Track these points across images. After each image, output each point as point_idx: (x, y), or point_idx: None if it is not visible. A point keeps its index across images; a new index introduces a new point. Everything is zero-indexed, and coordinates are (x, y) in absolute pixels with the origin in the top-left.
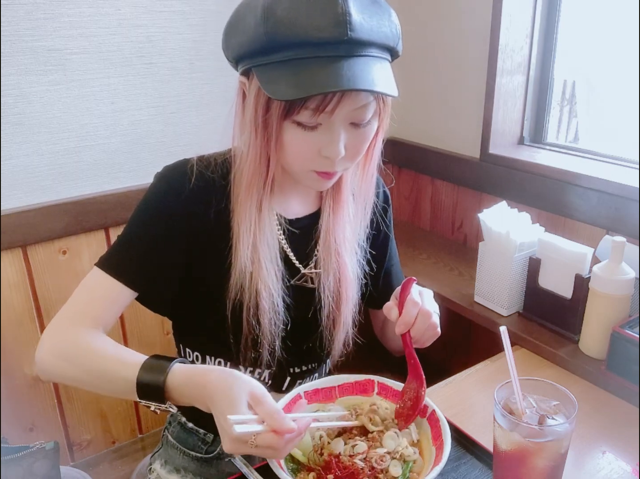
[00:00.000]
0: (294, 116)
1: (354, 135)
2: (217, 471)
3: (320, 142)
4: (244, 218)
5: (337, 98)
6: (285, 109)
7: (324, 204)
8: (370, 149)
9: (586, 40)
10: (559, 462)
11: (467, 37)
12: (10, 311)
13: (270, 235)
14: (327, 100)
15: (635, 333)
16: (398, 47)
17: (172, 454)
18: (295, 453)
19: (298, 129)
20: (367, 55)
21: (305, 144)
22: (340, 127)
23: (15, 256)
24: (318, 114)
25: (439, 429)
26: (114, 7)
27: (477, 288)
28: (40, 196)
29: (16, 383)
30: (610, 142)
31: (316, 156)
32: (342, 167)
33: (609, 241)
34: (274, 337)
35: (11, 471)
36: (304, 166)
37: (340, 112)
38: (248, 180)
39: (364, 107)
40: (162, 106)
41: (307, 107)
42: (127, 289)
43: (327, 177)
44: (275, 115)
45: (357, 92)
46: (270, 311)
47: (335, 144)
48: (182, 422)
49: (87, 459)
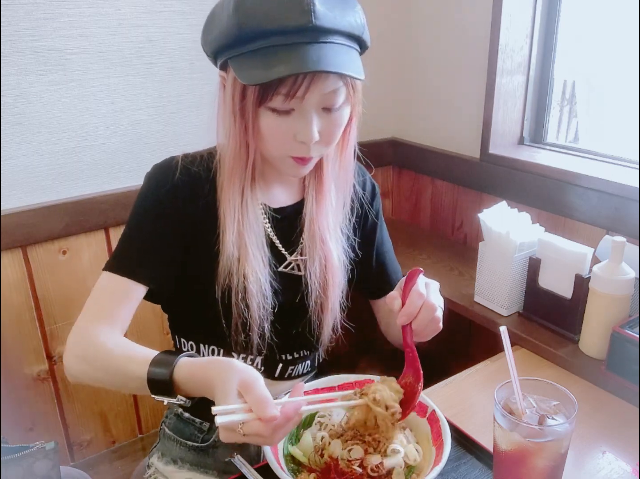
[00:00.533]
0: (268, 102)
1: (327, 120)
2: (213, 460)
3: (295, 127)
4: (228, 205)
5: (307, 82)
6: (259, 95)
7: (307, 194)
8: (345, 136)
9: (586, 40)
10: (559, 462)
11: (467, 37)
12: (10, 311)
13: (256, 223)
14: (297, 84)
15: (635, 333)
16: (364, 36)
17: (169, 446)
18: (295, 453)
19: (273, 115)
20: (333, 42)
21: (280, 129)
22: (313, 112)
23: (15, 256)
24: (290, 99)
25: (439, 429)
26: (114, 7)
27: (477, 288)
28: (40, 196)
29: (16, 383)
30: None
31: (291, 141)
32: (317, 152)
33: (609, 241)
34: (262, 321)
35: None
36: (281, 151)
37: (311, 96)
38: (230, 168)
39: (333, 92)
40: (162, 106)
41: (279, 92)
42: (137, 285)
43: (303, 163)
44: (250, 102)
45: (325, 77)
46: (258, 294)
47: (308, 128)
48: (179, 413)
49: (87, 459)
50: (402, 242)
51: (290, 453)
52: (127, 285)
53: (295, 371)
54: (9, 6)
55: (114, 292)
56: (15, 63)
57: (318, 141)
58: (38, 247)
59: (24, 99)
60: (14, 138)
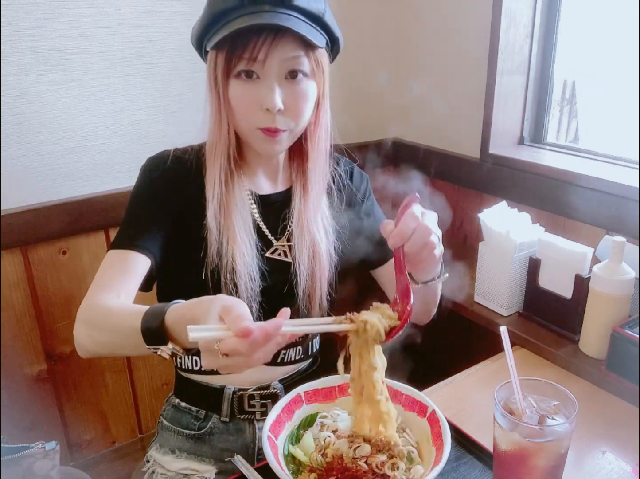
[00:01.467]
0: (234, 69)
1: (290, 90)
2: (209, 447)
3: (260, 94)
4: (212, 185)
5: (267, 45)
6: (226, 63)
7: (294, 186)
8: (316, 118)
9: (586, 40)
10: (559, 462)
11: (467, 37)
12: (10, 310)
13: (243, 207)
14: (258, 47)
15: (635, 333)
16: (326, 18)
17: (166, 436)
18: (296, 453)
19: (240, 83)
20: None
21: (247, 97)
22: (275, 79)
23: (15, 256)
24: (253, 62)
25: (439, 429)
26: (114, 7)
27: (477, 288)
28: (40, 196)
29: (16, 383)
30: (610, 142)
31: (258, 111)
32: (284, 124)
33: (609, 241)
34: (250, 301)
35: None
36: (249, 122)
37: (272, 61)
38: (210, 146)
39: (294, 59)
40: (162, 106)
41: (242, 56)
42: (138, 256)
43: (271, 135)
44: (220, 71)
45: (285, 42)
46: (245, 275)
47: (271, 93)
48: (176, 403)
49: (87, 459)
50: None
51: (290, 453)
52: (129, 256)
53: (287, 357)
54: (9, 6)
55: (117, 265)
56: (15, 63)
57: (284, 113)
58: (38, 247)
59: (24, 99)
60: (14, 138)
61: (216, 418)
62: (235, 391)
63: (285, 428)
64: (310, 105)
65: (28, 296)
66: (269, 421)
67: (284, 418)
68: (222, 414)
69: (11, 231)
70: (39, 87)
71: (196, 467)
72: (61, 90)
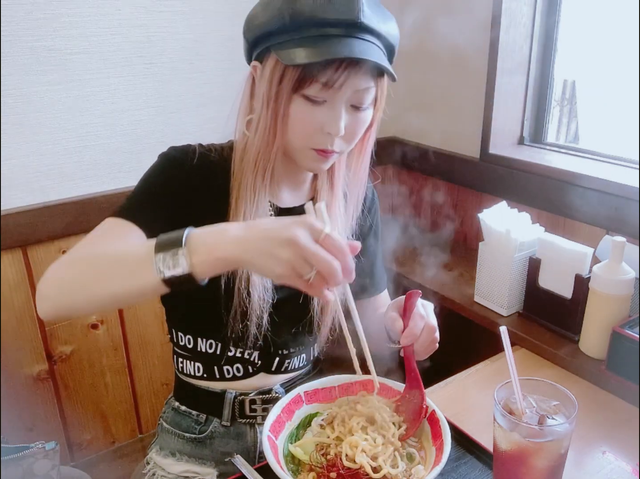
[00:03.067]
0: (304, 89)
1: (353, 117)
2: (210, 451)
3: (324, 118)
4: (244, 193)
5: (345, 75)
6: (297, 81)
7: (317, 198)
8: (364, 140)
9: (586, 40)
10: (559, 462)
11: (467, 37)
12: (10, 311)
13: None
14: (337, 75)
15: (635, 333)
16: (396, 49)
17: (167, 439)
18: (296, 452)
19: (305, 103)
20: (374, 44)
21: (310, 118)
22: (343, 107)
23: (15, 256)
24: (327, 88)
25: (439, 429)
26: (114, 7)
27: (477, 288)
28: (40, 196)
29: (16, 383)
30: (610, 142)
31: (318, 132)
32: (339, 147)
33: (609, 241)
34: (262, 312)
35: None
36: (305, 142)
37: (346, 90)
38: (256, 153)
39: (365, 90)
40: (162, 106)
41: (318, 80)
42: (136, 229)
43: (325, 156)
44: (287, 87)
45: (362, 73)
46: (259, 285)
47: (337, 120)
48: (176, 407)
49: (87, 459)
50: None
51: (290, 453)
52: (126, 226)
53: (291, 365)
54: (9, 6)
55: (110, 230)
56: (15, 63)
57: (341, 137)
58: (38, 247)
59: (24, 99)
60: (14, 138)
61: (217, 422)
62: (237, 396)
63: (285, 428)
64: (365, 129)
65: (28, 296)
66: (269, 421)
67: (283, 417)
68: (223, 419)
69: (11, 231)
70: (39, 87)
71: (197, 470)
72: (61, 90)
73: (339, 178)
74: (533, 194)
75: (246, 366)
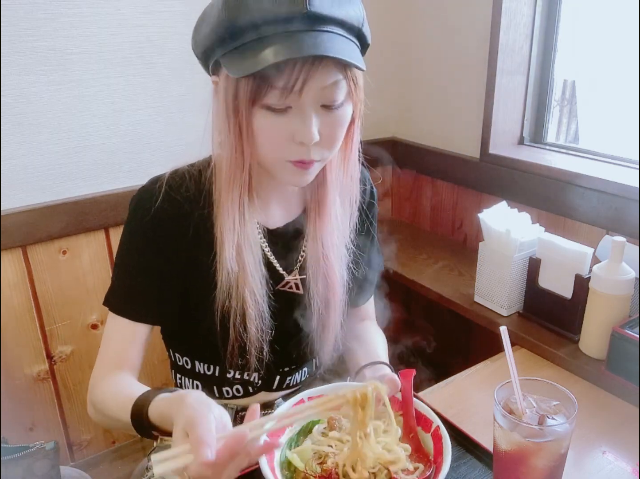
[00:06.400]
0: (263, 99)
1: (327, 119)
2: None
3: (292, 126)
4: (226, 220)
5: (304, 74)
6: (253, 91)
7: (309, 209)
8: (348, 139)
9: (586, 40)
10: (559, 462)
11: (467, 37)
12: (10, 311)
13: (253, 242)
14: (294, 77)
15: (635, 333)
16: (364, 29)
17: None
18: (293, 459)
19: (268, 114)
20: (330, 32)
21: (277, 129)
22: (312, 109)
23: (15, 256)
24: (286, 94)
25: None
26: (114, 7)
27: (477, 288)
28: (40, 196)
29: (16, 383)
30: (610, 142)
31: (290, 143)
32: (319, 155)
33: (609, 241)
34: (261, 344)
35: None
36: (278, 155)
37: (309, 91)
38: (227, 178)
39: (333, 85)
40: (162, 106)
41: (274, 86)
42: (142, 326)
43: (304, 167)
44: (243, 100)
45: (324, 68)
46: (256, 317)
47: (308, 127)
48: None
49: (87, 459)
50: (402, 243)
51: (287, 459)
52: (132, 327)
53: (293, 381)
54: (9, 6)
55: (120, 336)
56: (15, 63)
57: (318, 143)
58: (38, 247)
59: (24, 99)
60: (14, 138)
61: None
62: (238, 411)
63: (286, 433)
64: (345, 129)
65: (28, 296)
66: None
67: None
68: None
69: (11, 231)
70: (39, 87)
71: None
72: (61, 90)
73: (331, 184)
74: (533, 194)
75: (246, 387)
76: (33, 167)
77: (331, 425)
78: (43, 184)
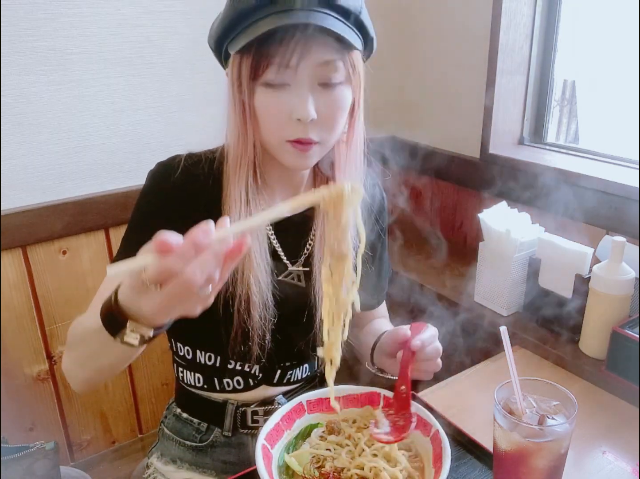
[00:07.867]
0: (262, 76)
1: (325, 97)
2: (211, 459)
3: (290, 103)
4: (233, 204)
5: (300, 50)
6: (253, 68)
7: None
8: (351, 130)
9: (586, 40)
10: (559, 462)
11: (467, 37)
12: (10, 311)
13: (259, 230)
14: (290, 52)
15: (635, 333)
16: (362, 16)
17: (168, 445)
18: (291, 463)
19: (268, 91)
20: (326, 13)
21: (276, 106)
22: (308, 86)
23: (15, 256)
24: (285, 69)
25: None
26: (114, 7)
27: (477, 288)
28: (40, 196)
29: (16, 383)
30: (610, 142)
31: (288, 121)
32: (317, 136)
33: (609, 241)
34: (264, 332)
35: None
36: (278, 134)
37: (305, 67)
38: (234, 159)
39: (329, 63)
40: (162, 106)
41: (272, 62)
42: None
43: (303, 148)
44: (245, 78)
45: (319, 44)
46: (260, 304)
47: (303, 103)
48: (177, 413)
49: (87, 459)
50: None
51: (285, 463)
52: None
53: (293, 376)
54: (9, 6)
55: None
56: (15, 63)
57: (317, 123)
58: (38, 247)
59: (24, 99)
60: (14, 138)
61: (218, 432)
62: (238, 407)
63: (284, 437)
64: (345, 114)
65: (28, 296)
66: (266, 429)
67: (282, 426)
68: (225, 429)
69: (11, 231)
70: (39, 87)
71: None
72: (61, 90)
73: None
74: (533, 194)
75: (247, 379)
76: (33, 167)
77: (330, 429)
78: (43, 184)
